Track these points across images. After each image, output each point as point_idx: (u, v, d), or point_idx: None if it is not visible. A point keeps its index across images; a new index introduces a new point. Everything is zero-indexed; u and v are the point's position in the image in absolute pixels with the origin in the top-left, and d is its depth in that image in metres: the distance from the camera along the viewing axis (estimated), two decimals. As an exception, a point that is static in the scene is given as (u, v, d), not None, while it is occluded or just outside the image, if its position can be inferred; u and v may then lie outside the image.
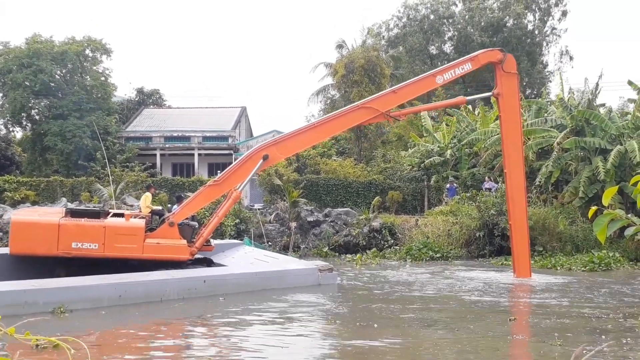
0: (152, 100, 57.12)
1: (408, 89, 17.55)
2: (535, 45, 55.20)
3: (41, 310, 12.53)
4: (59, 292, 13.28)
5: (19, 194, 34.17)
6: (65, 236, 14.85)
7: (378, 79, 37.31)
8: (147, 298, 14.08)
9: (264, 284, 16.13)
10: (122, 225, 15.69)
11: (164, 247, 15.88)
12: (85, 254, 14.94)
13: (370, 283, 17.77)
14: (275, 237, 27.54)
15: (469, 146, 31.94)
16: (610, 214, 3.27)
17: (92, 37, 43.02)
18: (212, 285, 15.26)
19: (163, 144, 42.92)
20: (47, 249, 14.78)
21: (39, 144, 41.78)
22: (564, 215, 25.54)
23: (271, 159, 16.86)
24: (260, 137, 46.01)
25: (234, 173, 16.73)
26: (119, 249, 15.18)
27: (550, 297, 14.96)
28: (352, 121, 17.32)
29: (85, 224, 15.21)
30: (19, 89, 39.96)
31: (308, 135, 17.02)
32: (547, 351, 9.20)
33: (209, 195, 16.90)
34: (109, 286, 13.92)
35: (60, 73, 42.11)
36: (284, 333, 10.82)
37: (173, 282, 14.70)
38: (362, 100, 17.17)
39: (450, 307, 13.61)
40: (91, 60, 43.26)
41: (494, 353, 9.43)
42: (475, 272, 20.24)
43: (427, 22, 54.07)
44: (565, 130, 26.08)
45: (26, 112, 42.54)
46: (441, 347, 9.82)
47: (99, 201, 30.48)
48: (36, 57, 39.80)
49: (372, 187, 33.29)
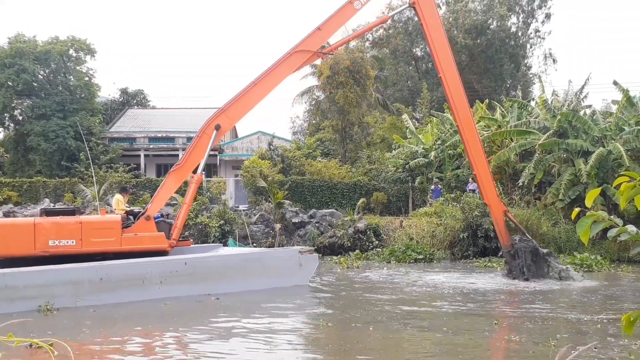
0: (136, 101, 56.87)
1: (331, 21, 17.49)
2: (518, 47, 55.53)
3: (22, 295, 12.84)
4: (40, 275, 13.57)
5: (2, 194, 33.86)
6: (41, 235, 14.80)
7: (363, 80, 37.33)
8: (128, 281, 14.35)
9: (245, 265, 16.32)
10: (98, 219, 15.73)
11: (142, 238, 15.85)
12: (63, 251, 14.91)
13: (354, 285, 17.83)
14: (260, 238, 27.50)
15: (452, 148, 32.08)
16: (594, 216, 3.31)
17: (76, 37, 42.78)
18: (193, 267, 15.43)
19: (147, 145, 42.73)
20: (25, 249, 14.71)
21: (22, 144, 41.43)
22: (547, 217, 25.74)
23: (223, 127, 17.01)
24: (246, 137, 46.00)
25: (192, 152, 16.79)
26: (97, 243, 15.18)
27: (535, 300, 15.07)
28: (290, 67, 17.33)
29: (61, 221, 15.18)
30: (2, 89, 39.63)
31: (251, 94, 17.05)
32: (537, 352, 9.28)
33: (175, 181, 16.86)
34: (90, 269, 14.19)
35: (43, 73, 41.82)
36: (272, 339, 10.82)
37: (153, 265, 14.92)
38: (293, 46, 17.12)
39: (431, 310, 13.67)
40: (75, 60, 42.99)
41: (485, 352, 9.50)
42: (452, 275, 20.29)
43: (412, 23, 54.18)
44: (549, 132, 26.26)
45: (9, 112, 42.18)
46: (427, 347, 9.87)
47: (82, 202, 30.28)
48: (19, 56, 39.49)
49: (357, 188, 33.34)
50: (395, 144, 35.91)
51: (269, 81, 17.18)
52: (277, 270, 16.76)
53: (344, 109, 37.45)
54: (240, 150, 44.23)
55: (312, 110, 51.25)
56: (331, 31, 17.66)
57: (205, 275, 15.52)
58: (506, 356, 9.70)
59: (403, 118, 37.79)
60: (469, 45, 51.84)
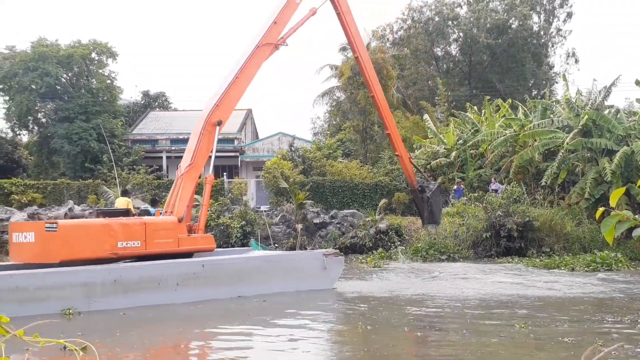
0: (158, 103, 57.21)
1: (283, 13, 18.81)
2: (540, 46, 55.12)
3: (33, 297, 12.37)
4: (51, 276, 13.10)
5: (26, 196, 34.24)
6: (111, 236, 14.09)
7: (384, 81, 37.19)
8: (142, 283, 13.84)
9: (266, 268, 15.87)
10: (159, 221, 15.46)
11: (196, 239, 15.72)
12: (129, 253, 14.47)
13: (385, 286, 17.69)
14: (281, 238, 27.54)
15: (474, 147, 31.88)
16: (618, 215, 3.27)
17: (98, 41, 43.08)
18: (211, 269, 14.97)
19: (169, 147, 42.96)
20: (96, 251, 13.92)
21: (46, 146, 41.89)
22: (571, 217, 25.47)
23: (223, 121, 17.53)
24: (266, 138, 46.06)
25: (199, 150, 16.93)
26: (158, 244, 14.78)
27: (557, 298, 14.92)
28: (261, 59, 18.44)
29: (127, 222, 14.71)
30: (25, 92, 40.08)
31: (236, 87, 17.82)
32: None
33: (191, 180, 16.81)
34: (104, 271, 13.65)
35: (66, 76, 42.23)
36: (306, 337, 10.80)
37: (170, 267, 14.46)
38: (257, 42, 18.25)
39: (459, 312, 13.59)
40: (97, 64, 43.33)
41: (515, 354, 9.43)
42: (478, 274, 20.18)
43: (432, 24, 54.00)
44: (574, 131, 26.00)
45: (32, 116, 42.67)
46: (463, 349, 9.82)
47: (106, 204, 30.53)
48: (42, 60, 39.89)
49: (379, 188, 33.24)
50: (417, 144, 35.77)
51: (247, 73, 18.08)
52: (300, 273, 16.29)
53: (365, 109, 37.38)
54: (261, 152, 44.33)
55: (332, 111, 51.27)
56: (285, 21, 19.01)
57: (224, 278, 15.02)
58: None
59: (425, 118, 37.62)
60: (491, 45, 51.55)
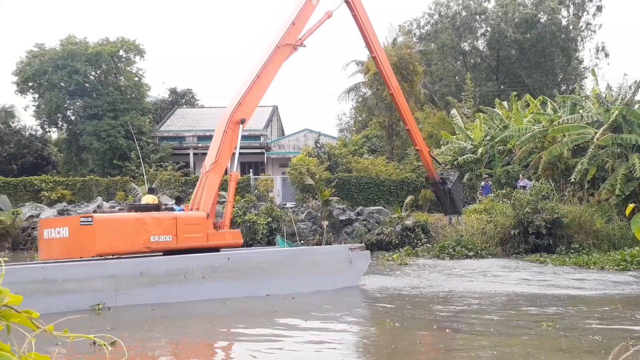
0: (185, 100, 57.64)
1: (301, 15, 19.36)
2: (569, 41, 54.36)
3: (61, 288, 12.41)
4: (79, 268, 13.21)
5: (56, 193, 34.73)
6: (145, 230, 14.19)
7: (410, 77, 37.04)
8: (169, 276, 13.86)
9: (292, 262, 15.87)
10: (189, 215, 15.62)
11: (224, 234, 15.88)
12: (162, 247, 14.59)
13: (416, 282, 17.58)
14: (307, 235, 27.54)
15: (502, 143, 31.57)
16: (649, 212, 3.17)
17: (126, 38, 43.50)
18: (236, 262, 15.01)
19: (196, 143, 43.22)
20: (130, 245, 14.05)
21: (75, 144, 42.42)
22: (601, 213, 25.09)
23: (246, 120, 17.84)
24: (292, 135, 46.15)
25: (223, 148, 17.11)
26: (188, 239, 14.91)
27: (586, 296, 14.72)
28: (281, 59, 19.01)
29: (159, 216, 14.82)
30: (55, 90, 40.61)
31: (258, 87, 18.27)
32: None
33: (216, 177, 17.01)
34: (131, 263, 13.76)
35: (94, 74, 42.70)
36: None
37: (196, 260, 14.46)
38: (276, 43, 18.68)
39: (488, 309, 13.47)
40: (125, 61, 43.75)
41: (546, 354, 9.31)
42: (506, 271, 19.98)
43: (459, 18, 53.58)
44: (604, 127, 25.61)
45: (62, 113, 43.22)
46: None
47: (134, 200, 30.82)
48: (71, 58, 40.38)
49: (405, 185, 33.09)
50: (444, 140, 35.53)
51: (267, 73, 18.52)
52: (326, 267, 16.23)
53: (391, 105, 37.16)
54: (287, 148, 44.41)
55: (358, 107, 51.15)
56: (303, 23, 19.61)
57: (249, 271, 14.99)
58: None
59: (452, 114, 37.34)
60: (519, 39, 50.98)
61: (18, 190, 35.26)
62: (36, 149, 45.05)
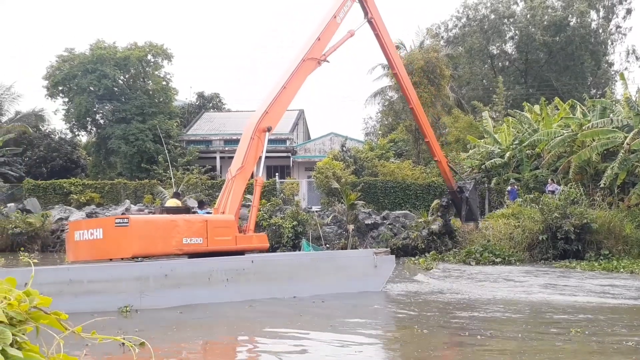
0: (212, 104, 58.05)
1: (325, 32, 19.81)
2: (599, 44, 53.68)
3: (86, 289, 12.49)
4: (104, 270, 13.34)
5: (84, 196, 35.14)
6: (178, 233, 14.19)
7: (437, 80, 36.88)
8: (193, 278, 13.90)
9: (316, 266, 15.88)
10: (219, 218, 15.67)
11: (251, 237, 15.93)
12: (193, 250, 14.58)
13: (441, 286, 17.49)
14: (332, 239, 27.51)
15: (530, 147, 31.23)
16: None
17: (154, 43, 43.98)
18: (260, 266, 15.04)
19: (223, 147, 43.48)
20: (164, 247, 14.06)
21: (103, 147, 42.95)
22: (630, 219, 24.70)
23: (272, 127, 17.99)
24: (318, 139, 46.18)
25: (249, 154, 17.15)
26: (218, 241, 14.92)
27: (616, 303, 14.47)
28: (306, 72, 19.34)
29: (191, 218, 14.90)
30: (84, 94, 41.17)
31: (284, 97, 18.49)
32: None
33: (242, 182, 17.05)
34: (155, 265, 13.83)
35: (123, 78, 43.21)
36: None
37: (220, 262, 14.48)
38: (302, 56, 19.01)
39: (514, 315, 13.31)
40: (153, 65, 44.22)
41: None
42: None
43: (487, 21, 53.24)
44: (634, 131, 25.21)
45: (91, 117, 43.83)
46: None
47: (161, 203, 31.05)
48: (100, 62, 40.91)
49: (431, 189, 32.90)
50: (471, 144, 35.26)
51: (293, 85, 18.80)
52: (351, 271, 16.14)
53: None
54: (313, 152, 44.45)
55: (384, 110, 51.02)
56: (327, 38, 20.08)
57: (273, 274, 14.99)
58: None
59: (483, 116, 37.03)
60: (548, 43, 50.47)
61: (47, 193, 35.75)
62: (65, 152, 45.65)
